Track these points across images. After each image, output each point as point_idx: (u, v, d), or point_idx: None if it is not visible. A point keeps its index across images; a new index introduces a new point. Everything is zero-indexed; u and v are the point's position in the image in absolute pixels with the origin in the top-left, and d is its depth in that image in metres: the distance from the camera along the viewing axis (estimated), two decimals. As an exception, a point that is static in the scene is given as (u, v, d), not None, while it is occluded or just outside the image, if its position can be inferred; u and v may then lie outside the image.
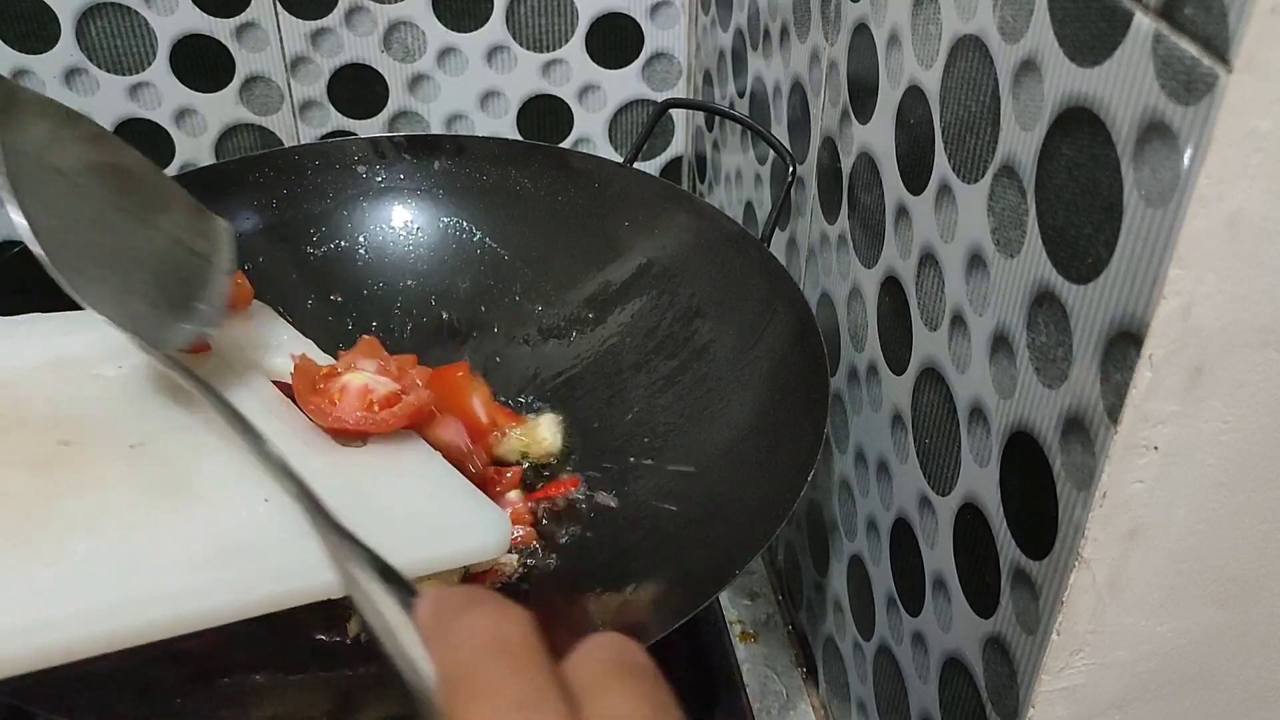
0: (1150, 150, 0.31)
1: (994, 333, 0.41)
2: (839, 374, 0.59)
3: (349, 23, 0.77)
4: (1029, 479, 0.40)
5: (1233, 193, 0.30)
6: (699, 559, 0.52)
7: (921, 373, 0.49)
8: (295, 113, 0.80)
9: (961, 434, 0.45)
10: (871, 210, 0.52)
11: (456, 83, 0.81)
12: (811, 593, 0.67)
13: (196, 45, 0.75)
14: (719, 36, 0.76)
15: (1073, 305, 0.36)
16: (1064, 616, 0.38)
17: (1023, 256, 0.39)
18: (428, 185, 0.70)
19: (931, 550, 0.49)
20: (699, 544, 0.53)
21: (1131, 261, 0.32)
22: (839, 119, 0.55)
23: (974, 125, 0.41)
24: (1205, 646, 0.41)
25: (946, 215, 0.45)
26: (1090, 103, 0.34)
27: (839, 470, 0.61)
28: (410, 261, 0.70)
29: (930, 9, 0.44)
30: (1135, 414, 0.34)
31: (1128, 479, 0.35)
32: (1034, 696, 0.41)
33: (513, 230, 0.70)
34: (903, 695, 0.54)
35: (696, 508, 0.56)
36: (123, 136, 0.77)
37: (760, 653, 0.70)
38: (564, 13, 0.79)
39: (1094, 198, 0.34)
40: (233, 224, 0.66)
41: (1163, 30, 0.30)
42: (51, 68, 0.74)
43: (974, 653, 0.46)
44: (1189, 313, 0.32)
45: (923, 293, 0.48)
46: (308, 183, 0.69)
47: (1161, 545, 0.37)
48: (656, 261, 0.66)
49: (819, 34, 0.57)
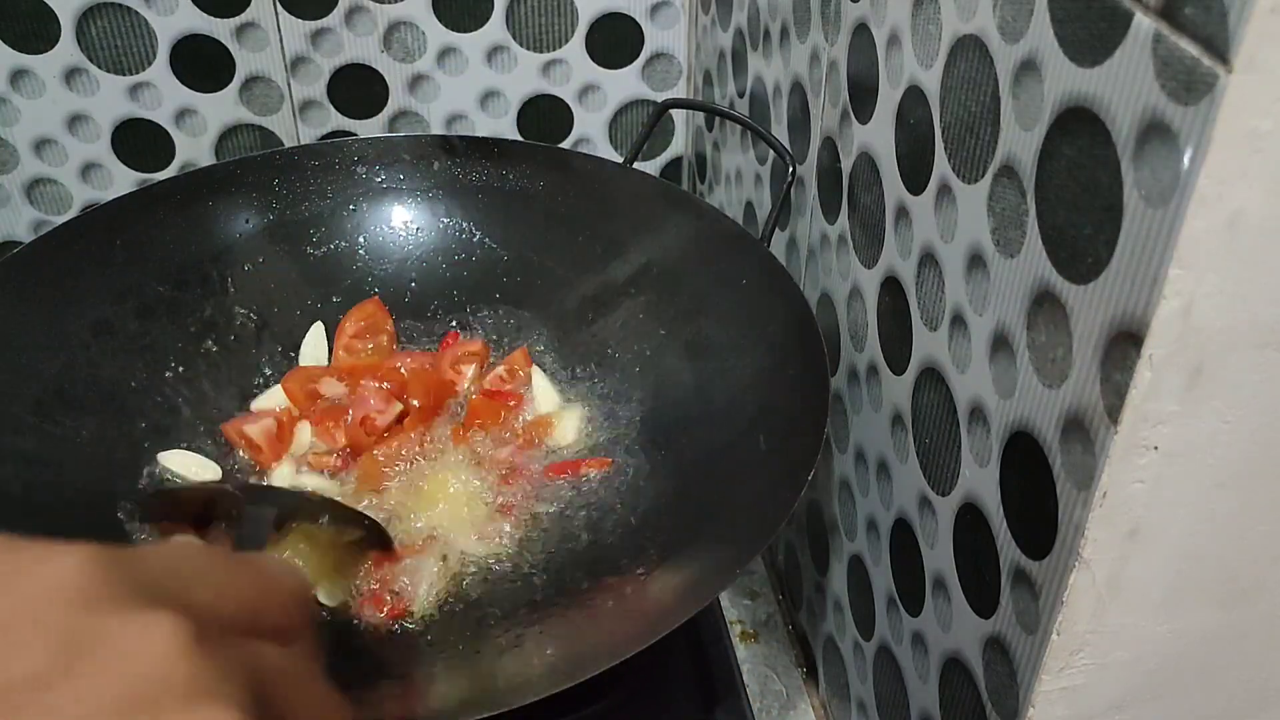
0: (1150, 150, 0.31)
1: (994, 333, 0.41)
2: (839, 374, 0.59)
3: (349, 23, 0.77)
4: (1029, 479, 0.40)
5: (1233, 193, 0.30)
6: (699, 559, 0.52)
7: (921, 373, 0.49)
8: (295, 113, 0.80)
9: (961, 434, 0.45)
10: (871, 210, 0.52)
11: (456, 83, 0.81)
12: (811, 593, 0.67)
13: (196, 45, 0.75)
14: (719, 36, 0.76)
15: (1073, 305, 0.36)
16: (1064, 616, 0.38)
17: (1023, 256, 0.39)
18: (428, 185, 0.70)
19: (931, 550, 0.49)
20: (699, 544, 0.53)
21: (1131, 261, 0.32)
22: (839, 119, 0.55)
23: (974, 125, 0.41)
24: (1205, 646, 0.41)
25: (946, 215, 0.45)
26: (1090, 103, 0.34)
27: (839, 470, 0.61)
28: (410, 261, 0.70)
29: (930, 9, 0.44)
30: (1135, 414, 0.34)
31: (1128, 479, 0.35)
32: (1034, 696, 0.41)
33: (513, 230, 0.70)
34: (903, 695, 0.54)
35: (697, 507, 0.56)
36: (123, 136, 0.78)
37: (760, 653, 0.70)
38: (564, 13, 0.79)
39: (1094, 198, 0.34)
40: (232, 224, 0.67)
41: (1163, 30, 0.30)
42: (51, 68, 0.74)
43: (974, 653, 0.46)
44: (1189, 313, 0.32)
45: (923, 293, 0.48)
46: (308, 183, 0.69)
47: (1161, 545, 0.37)
48: (656, 261, 0.66)
49: (819, 34, 0.57)
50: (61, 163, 0.78)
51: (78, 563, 0.21)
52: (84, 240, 0.62)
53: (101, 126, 0.77)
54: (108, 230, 0.63)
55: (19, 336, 0.58)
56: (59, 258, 0.61)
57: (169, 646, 0.20)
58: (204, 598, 0.22)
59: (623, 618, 0.52)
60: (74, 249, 0.61)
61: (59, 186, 0.80)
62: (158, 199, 0.65)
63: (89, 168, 0.79)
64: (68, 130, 0.77)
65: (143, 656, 0.20)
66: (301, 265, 0.68)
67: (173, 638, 0.20)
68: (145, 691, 0.19)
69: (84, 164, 0.79)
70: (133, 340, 0.62)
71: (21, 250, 0.60)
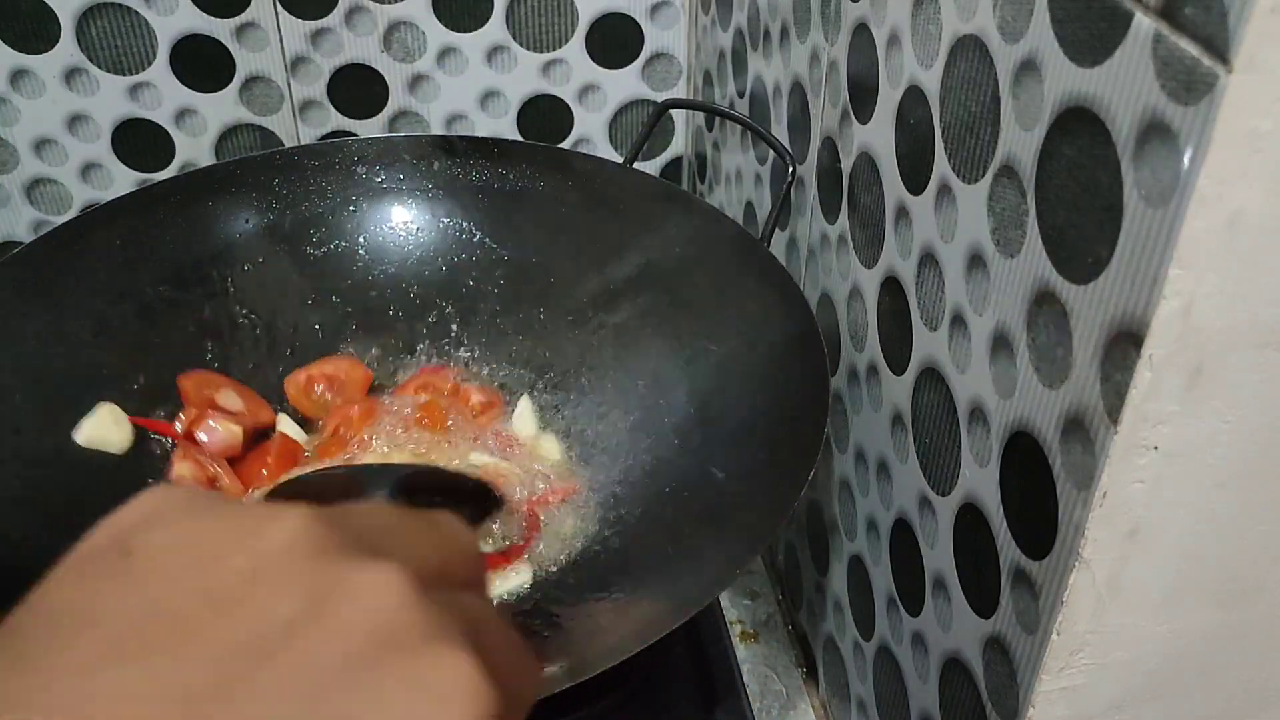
0: (1150, 150, 0.31)
1: (994, 333, 0.41)
2: (839, 374, 0.59)
3: (349, 23, 0.77)
4: (1029, 479, 0.40)
5: (1233, 193, 0.30)
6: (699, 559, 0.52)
7: (921, 373, 0.49)
8: (295, 113, 0.80)
9: (961, 434, 0.45)
10: (871, 210, 0.52)
11: (456, 83, 0.81)
12: (811, 593, 0.67)
13: (196, 45, 0.75)
14: (719, 36, 0.76)
15: (1073, 305, 0.36)
16: (1064, 616, 0.38)
17: (1023, 256, 0.39)
18: (428, 185, 0.70)
19: (931, 550, 0.49)
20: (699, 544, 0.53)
21: (1131, 261, 0.32)
22: (839, 119, 0.55)
23: (974, 125, 0.41)
24: (1205, 646, 0.41)
25: (946, 215, 0.45)
26: (1090, 103, 0.34)
27: (839, 470, 0.61)
28: (410, 261, 0.70)
29: (930, 9, 0.44)
30: (1135, 414, 0.34)
31: (1128, 479, 0.35)
32: (1034, 696, 0.41)
33: (513, 230, 0.70)
34: (903, 695, 0.54)
35: (697, 507, 0.56)
36: (123, 136, 0.78)
37: (760, 653, 0.70)
38: (564, 13, 0.79)
39: (1094, 198, 0.34)
40: (232, 224, 0.67)
41: (1163, 30, 0.30)
42: (51, 68, 0.74)
43: (974, 653, 0.46)
44: (1189, 313, 0.32)
45: (923, 293, 0.48)
46: (308, 183, 0.69)
47: (1161, 545, 0.37)
48: (656, 261, 0.65)
49: (819, 34, 0.57)
50: (61, 163, 0.78)
51: (304, 520, 0.22)
52: (84, 240, 0.62)
53: (101, 126, 0.77)
54: (108, 230, 0.63)
55: (19, 336, 0.58)
56: (59, 258, 0.61)
57: (401, 593, 0.22)
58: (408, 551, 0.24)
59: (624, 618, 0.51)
60: (74, 249, 0.61)
61: (59, 186, 0.80)
62: (158, 199, 0.65)
63: (89, 168, 0.79)
64: (68, 130, 0.77)
65: (381, 602, 0.21)
66: (301, 265, 0.68)
67: (401, 585, 0.22)
68: (390, 633, 0.21)
69: (84, 164, 0.79)
70: (133, 340, 0.62)
71: (21, 250, 0.60)
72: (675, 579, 0.52)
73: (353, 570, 0.22)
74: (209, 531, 0.22)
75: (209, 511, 0.23)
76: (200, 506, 0.23)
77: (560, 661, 0.49)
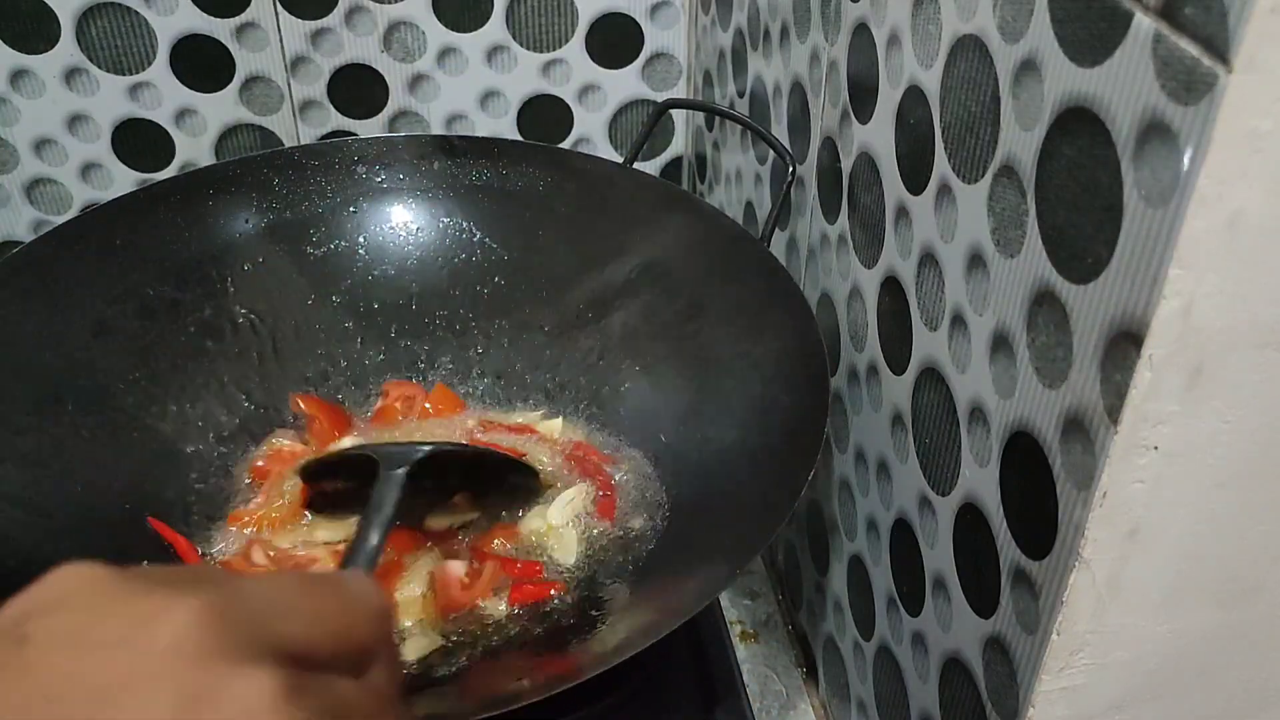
0: (1150, 150, 0.31)
1: (994, 333, 0.41)
2: (839, 374, 0.59)
3: (349, 23, 0.77)
4: (1029, 479, 0.40)
5: (1233, 193, 0.30)
6: (699, 559, 0.52)
7: (921, 373, 0.49)
8: (295, 113, 0.80)
9: (961, 434, 0.45)
10: (871, 210, 0.52)
11: (456, 83, 0.81)
12: (811, 593, 0.67)
13: (196, 45, 0.75)
14: (719, 36, 0.76)
15: (1073, 305, 0.36)
16: (1064, 616, 0.38)
17: (1023, 256, 0.39)
18: (428, 185, 0.70)
19: (931, 550, 0.49)
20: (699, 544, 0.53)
21: (1131, 261, 0.32)
22: (839, 119, 0.55)
23: (974, 125, 0.41)
24: (1205, 646, 0.41)
25: (946, 215, 0.45)
26: (1090, 103, 0.34)
27: (839, 470, 0.61)
28: (410, 261, 0.70)
29: (930, 9, 0.44)
30: (1135, 414, 0.34)
31: (1128, 479, 0.35)
32: (1034, 696, 0.41)
33: (513, 230, 0.70)
34: (903, 695, 0.54)
35: (697, 508, 0.56)
36: (123, 136, 0.78)
37: (760, 653, 0.70)
38: (564, 13, 0.79)
39: (1094, 198, 0.34)
40: (232, 224, 0.67)
41: (1163, 30, 0.30)
42: (51, 68, 0.74)
43: (974, 653, 0.46)
44: (1189, 313, 0.32)
45: (923, 293, 0.48)
46: (308, 183, 0.69)
47: (1161, 545, 0.37)
48: (656, 261, 0.65)
49: (819, 34, 0.57)
50: (61, 163, 0.78)
51: (195, 615, 0.24)
52: (84, 240, 0.62)
53: (101, 126, 0.77)
54: (108, 230, 0.63)
55: (19, 336, 0.58)
56: (59, 258, 0.61)
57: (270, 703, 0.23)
58: (297, 630, 0.26)
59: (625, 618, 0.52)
60: (74, 249, 0.61)
61: (59, 186, 0.80)
62: (158, 199, 0.65)
63: (89, 168, 0.79)
64: (68, 130, 0.77)
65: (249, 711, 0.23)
66: (301, 265, 0.68)
67: (272, 693, 0.24)
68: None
69: (84, 164, 0.79)
70: (133, 340, 0.62)
71: (21, 250, 0.60)
72: (675, 578, 0.52)
73: (228, 675, 0.23)
74: (103, 625, 0.24)
75: (109, 601, 0.25)
76: (102, 594, 0.25)
77: (558, 664, 0.49)
